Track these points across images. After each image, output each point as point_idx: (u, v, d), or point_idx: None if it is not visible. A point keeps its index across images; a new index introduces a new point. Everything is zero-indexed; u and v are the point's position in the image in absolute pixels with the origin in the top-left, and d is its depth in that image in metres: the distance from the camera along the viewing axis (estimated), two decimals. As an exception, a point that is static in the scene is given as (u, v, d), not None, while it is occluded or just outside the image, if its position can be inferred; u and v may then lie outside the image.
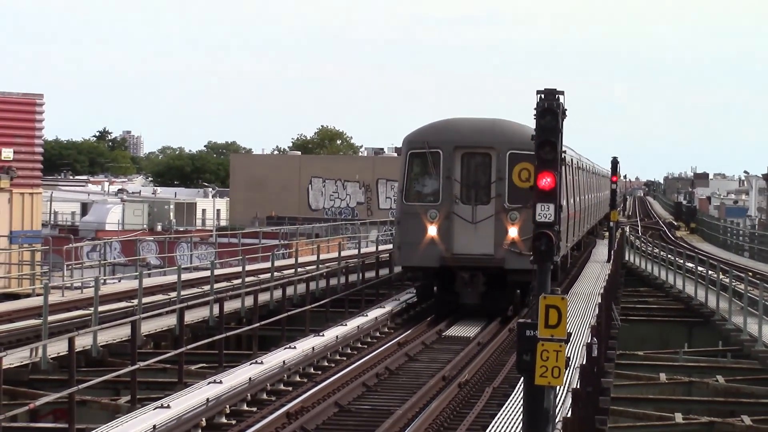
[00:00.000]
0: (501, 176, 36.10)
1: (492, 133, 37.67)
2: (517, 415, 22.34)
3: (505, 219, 35.18)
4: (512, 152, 35.99)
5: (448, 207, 35.45)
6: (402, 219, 37.60)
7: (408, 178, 36.68)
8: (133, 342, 30.13)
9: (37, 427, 25.54)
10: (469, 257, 36.12)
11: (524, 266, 34.27)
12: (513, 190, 35.12)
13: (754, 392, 33.09)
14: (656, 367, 37.04)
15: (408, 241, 37.89)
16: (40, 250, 60.86)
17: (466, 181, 36.53)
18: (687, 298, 54.32)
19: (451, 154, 35.51)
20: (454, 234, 35.52)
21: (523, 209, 34.61)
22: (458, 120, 37.76)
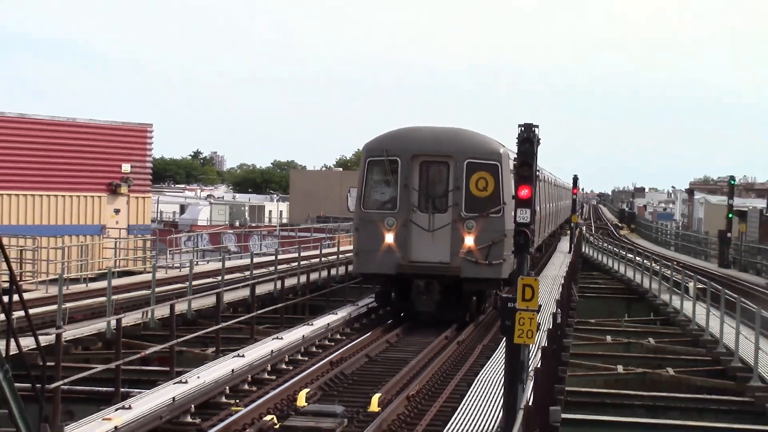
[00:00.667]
0: (458, 185, 30.36)
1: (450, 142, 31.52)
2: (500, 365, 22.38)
3: (462, 228, 29.69)
4: (470, 161, 30.41)
5: (406, 215, 29.88)
6: (360, 226, 31.60)
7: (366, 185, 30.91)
8: (218, 308, 30.52)
9: (146, 370, 25.64)
10: (426, 265, 30.37)
11: (480, 275, 31.08)
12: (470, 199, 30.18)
13: (676, 350, 33.03)
14: (604, 331, 36.95)
15: (365, 249, 31.59)
16: (149, 239, 61.20)
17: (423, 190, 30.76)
18: (627, 280, 54.10)
19: (410, 162, 29.91)
20: (410, 242, 29.99)
21: (480, 218, 30.04)
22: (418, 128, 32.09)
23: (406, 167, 29.96)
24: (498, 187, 29.88)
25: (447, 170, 30.29)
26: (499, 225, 30.04)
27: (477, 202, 29.81)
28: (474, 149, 30.50)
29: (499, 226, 29.99)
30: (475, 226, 29.30)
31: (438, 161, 30.61)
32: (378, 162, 30.16)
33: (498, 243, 29.97)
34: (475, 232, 29.43)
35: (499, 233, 30.03)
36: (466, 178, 29.58)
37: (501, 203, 29.78)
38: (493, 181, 29.70)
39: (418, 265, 30.21)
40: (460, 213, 29.62)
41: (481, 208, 29.64)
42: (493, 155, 30.40)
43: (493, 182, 29.63)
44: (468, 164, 29.90)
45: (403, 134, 31.20)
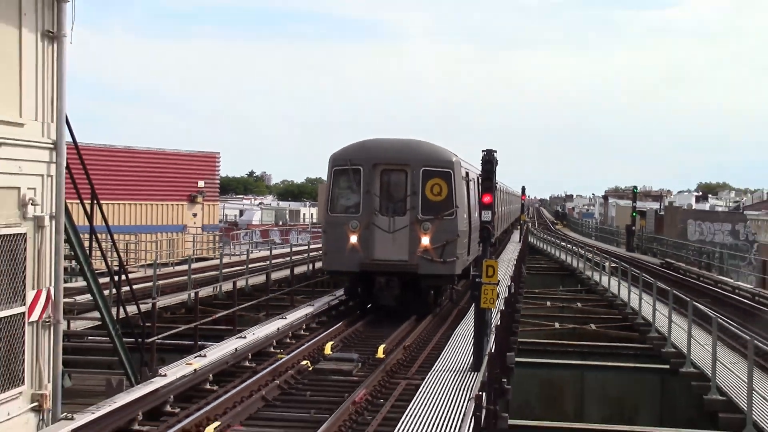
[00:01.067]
0: (415, 191, 26.75)
1: (408, 151, 27.70)
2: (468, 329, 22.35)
3: (419, 229, 26.21)
4: (425, 169, 26.77)
5: (368, 218, 26.51)
6: (327, 229, 28.22)
7: (332, 192, 27.63)
8: (267, 283, 31.13)
9: (216, 329, 25.62)
10: (387, 263, 26.85)
11: (435, 272, 26.93)
12: (426, 203, 26.56)
13: (596, 311, 32.97)
14: (545, 298, 36.86)
15: (332, 249, 28.05)
16: (217, 235, 62.87)
17: (384, 195, 27.28)
18: (561, 261, 54.08)
19: (371, 170, 26.63)
20: (372, 242, 26.57)
21: (435, 220, 26.43)
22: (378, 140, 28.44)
23: (368, 175, 26.49)
24: (451, 192, 26.35)
25: (405, 177, 26.67)
26: (452, 226, 26.49)
27: (432, 205, 26.34)
28: (429, 158, 26.81)
29: (452, 227, 26.47)
30: (430, 227, 25.83)
31: (397, 169, 26.99)
32: (343, 171, 26.85)
33: (451, 243, 26.34)
34: (431, 233, 25.99)
35: (452, 234, 26.43)
36: (422, 184, 26.16)
37: (453, 207, 26.29)
38: (447, 186, 26.18)
39: (380, 263, 26.53)
40: (417, 216, 26.13)
41: (435, 211, 26.20)
42: (446, 163, 26.72)
43: (446, 188, 26.13)
44: (423, 172, 26.29)
45: (365, 145, 27.58)
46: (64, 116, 15.11)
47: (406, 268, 26.46)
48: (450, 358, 19.88)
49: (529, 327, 28.66)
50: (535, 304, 34.67)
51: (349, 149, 27.60)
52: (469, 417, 12.16)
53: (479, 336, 18.67)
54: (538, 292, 39.17)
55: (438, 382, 17.32)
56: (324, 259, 28.87)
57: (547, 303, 35.19)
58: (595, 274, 41.90)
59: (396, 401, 16.42)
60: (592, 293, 39.25)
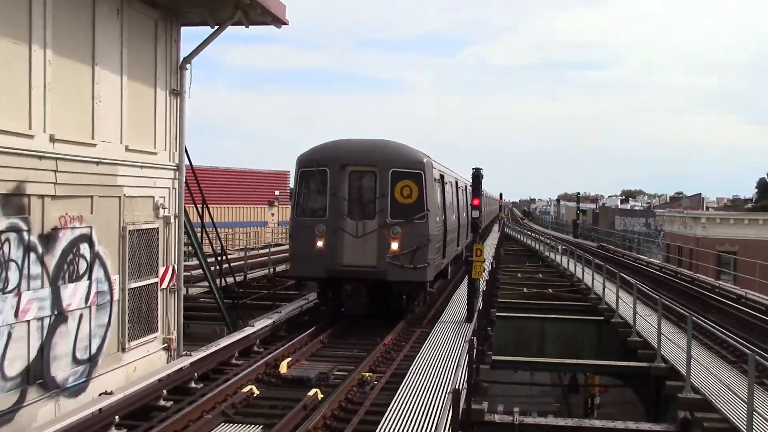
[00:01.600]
0: (384, 193, 19.57)
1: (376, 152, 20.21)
2: (463, 292, 22.22)
3: (388, 233, 19.15)
4: (394, 170, 19.53)
5: (335, 222, 19.38)
6: (294, 233, 20.61)
7: (299, 194, 20.45)
8: None
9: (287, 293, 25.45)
10: (354, 269, 19.52)
11: (405, 278, 19.21)
12: (395, 206, 19.41)
13: (552, 280, 32.69)
14: (516, 271, 36.56)
15: (299, 253, 20.21)
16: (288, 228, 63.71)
17: (351, 198, 19.97)
18: (528, 245, 53.81)
19: (338, 172, 19.59)
20: (339, 247, 19.33)
21: (405, 224, 19.20)
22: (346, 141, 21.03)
23: (335, 177, 19.16)
24: (422, 194, 19.03)
25: (373, 179, 19.29)
26: (423, 230, 18.89)
27: (402, 208, 18.93)
28: (398, 159, 19.31)
29: (423, 232, 18.88)
30: (400, 231, 18.56)
31: (365, 171, 19.45)
32: (309, 172, 19.44)
33: (422, 247, 18.85)
34: (401, 237, 18.66)
35: (423, 238, 18.85)
36: (391, 186, 18.91)
37: (425, 210, 18.87)
38: (417, 189, 18.95)
39: (347, 269, 18.99)
40: (386, 219, 18.74)
41: (406, 215, 18.75)
42: (416, 164, 19.19)
43: (416, 190, 18.91)
44: (393, 173, 18.94)
45: (333, 146, 20.04)
46: (183, 147, 15.40)
47: (375, 275, 18.55)
48: (452, 312, 19.81)
49: (506, 291, 28.47)
50: (510, 275, 34.47)
51: (315, 150, 19.88)
52: (465, 352, 12.18)
53: (471, 298, 18.61)
54: (512, 267, 38.91)
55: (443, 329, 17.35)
56: (290, 264, 20.49)
57: (518, 275, 34.97)
58: (551, 254, 41.78)
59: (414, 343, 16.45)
60: (549, 267, 38.97)
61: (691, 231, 54.49)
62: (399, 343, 16.58)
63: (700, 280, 32.31)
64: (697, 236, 52.73)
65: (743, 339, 17.57)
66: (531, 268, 39.04)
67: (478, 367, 13.78)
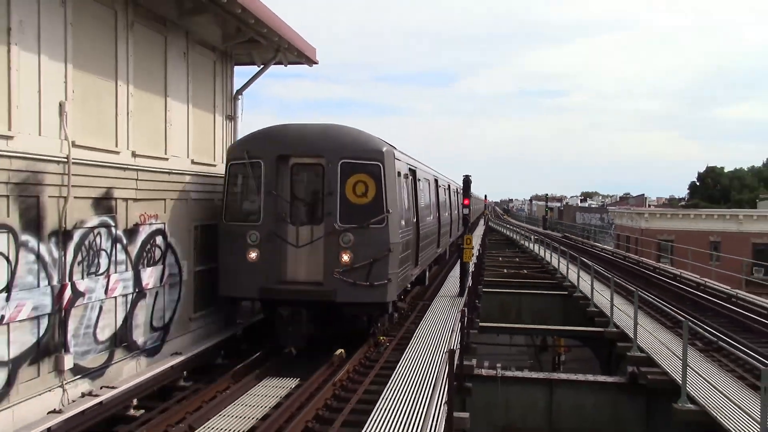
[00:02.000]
0: (332, 190, 10.33)
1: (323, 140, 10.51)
2: (456, 272, 22.05)
3: (338, 242, 10.15)
4: (345, 162, 10.35)
5: (271, 228, 10.48)
6: (221, 241, 11.21)
7: (228, 194, 11.29)
8: None
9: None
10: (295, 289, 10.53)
11: (359, 299, 11.01)
12: (346, 207, 10.39)
13: (527, 263, 32.47)
14: (498, 255, 36.33)
15: (227, 267, 11.20)
16: None
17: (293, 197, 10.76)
18: (507, 235, 53.58)
19: (275, 165, 10.50)
20: (277, 260, 10.55)
21: (359, 230, 10.41)
22: (285, 127, 11.07)
23: (271, 171, 11.34)
24: (380, 191, 11.24)
25: (319, 173, 11.42)
26: (382, 238, 11.18)
27: (355, 210, 11.15)
28: (350, 148, 11.26)
29: (382, 239, 11.18)
30: (353, 239, 10.93)
31: (308, 163, 11.60)
32: (240, 166, 11.68)
33: (381, 260, 11.12)
34: (353, 246, 10.97)
35: (382, 247, 11.17)
36: (342, 181, 11.08)
37: (384, 211, 11.19)
38: (374, 184, 11.18)
39: (286, 288, 11.25)
40: (334, 224, 10.99)
41: (360, 218, 11.04)
42: (373, 154, 11.24)
43: (374, 186, 11.17)
44: (343, 165, 11.10)
45: (268, 134, 11.77)
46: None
47: (320, 295, 11.30)
48: (448, 289, 19.68)
49: (490, 271, 28.33)
50: (493, 259, 34.31)
51: (248, 138, 12.23)
52: (458, 320, 12.07)
53: (462, 277, 18.38)
54: (495, 252, 38.76)
55: (441, 302, 17.23)
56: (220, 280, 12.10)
57: (500, 258, 34.80)
58: (525, 242, 41.52)
59: (418, 313, 16.33)
60: (524, 253, 38.73)
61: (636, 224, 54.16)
62: (406, 314, 16.46)
63: (644, 262, 32.04)
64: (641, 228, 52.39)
65: (679, 309, 17.40)
66: (510, 254, 38.79)
67: (469, 332, 13.67)
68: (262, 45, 14.15)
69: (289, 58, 15.20)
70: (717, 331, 14.48)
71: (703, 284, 23.43)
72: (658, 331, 14.92)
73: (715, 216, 51.06)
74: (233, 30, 13.48)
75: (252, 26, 12.73)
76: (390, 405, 8.90)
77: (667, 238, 47.84)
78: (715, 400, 10.01)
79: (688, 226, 50.33)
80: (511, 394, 13.05)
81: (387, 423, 8.26)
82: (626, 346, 13.72)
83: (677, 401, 10.15)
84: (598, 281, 21.38)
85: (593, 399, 12.82)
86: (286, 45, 14.16)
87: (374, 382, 10.56)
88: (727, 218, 50.19)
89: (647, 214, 54.63)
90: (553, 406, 12.95)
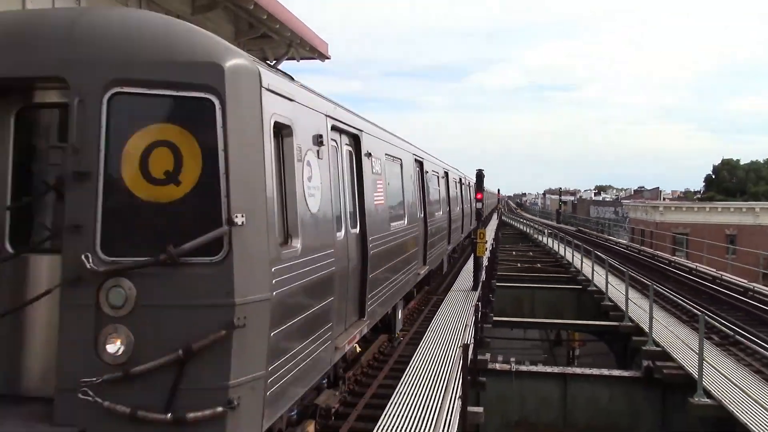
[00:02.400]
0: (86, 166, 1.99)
1: (61, 42, 2.02)
2: (470, 267, 21.99)
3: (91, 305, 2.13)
4: (120, 92, 2.04)
5: None
6: None
7: None
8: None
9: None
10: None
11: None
12: (123, 211, 2.16)
13: (540, 257, 32.42)
14: (511, 249, 36.30)
15: None
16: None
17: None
18: (520, 229, 53.39)
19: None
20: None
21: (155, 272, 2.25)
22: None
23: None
24: (214, 166, 2.52)
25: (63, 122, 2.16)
26: (217, 289, 2.63)
27: (148, 218, 2.41)
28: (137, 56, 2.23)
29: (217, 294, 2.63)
30: (137, 295, 2.35)
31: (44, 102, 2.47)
32: None
33: (213, 350, 2.57)
34: (136, 317, 2.34)
35: (222, 321, 2.62)
36: (114, 142, 2.19)
37: (223, 222, 2.65)
38: (199, 149, 2.39)
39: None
40: (87, 256, 2.30)
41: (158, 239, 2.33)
42: (201, 72, 2.42)
43: (197, 156, 2.37)
44: (115, 99, 2.22)
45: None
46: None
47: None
48: (460, 285, 19.68)
49: (504, 265, 28.28)
50: (506, 253, 34.23)
51: None
52: (473, 312, 12.06)
53: (476, 271, 18.27)
54: (508, 247, 38.66)
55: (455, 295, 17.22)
56: None
57: (513, 252, 34.73)
58: (539, 236, 41.40)
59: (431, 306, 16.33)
60: (538, 247, 38.61)
61: (651, 217, 53.73)
62: (419, 308, 16.46)
63: (659, 256, 31.81)
64: (656, 221, 51.96)
65: (695, 303, 17.26)
66: (523, 248, 38.70)
67: (483, 326, 13.66)
68: (274, 40, 14.16)
69: (302, 53, 15.21)
70: (733, 325, 14.37)
71: (719, 278, 23.23)
72: (674, 325, 14.81)
73: (731, 209, 50.57)
74: (245, 26, 13.51)
75: (264, 22, 12.75)
76: (404, 399, 8.92)
77: (682, 232, 47.44)
78: (731, 394, 9.93)
79: (704, 219, 49.88)
80: (525, 389, 13.03)
81: (402, 417, 8.29)
82: (641, 340, 13.64)
83: (693, 395, 10.08)
84: (613, 275, 21.22)
85: (608, 393, 12.77)
86: (298, 40, 14.17)
87: (388, 376, 10.58)
88: (744, 211, 49.70)
89: (662, 207, 54.19)
90: (568, 400, 12.91)
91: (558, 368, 13.83)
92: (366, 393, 9.81)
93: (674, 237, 45.47)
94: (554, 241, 34.41)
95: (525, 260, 30.34)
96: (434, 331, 12.87)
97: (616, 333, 16.08)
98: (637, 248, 36.79)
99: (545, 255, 32.99)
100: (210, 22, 12.42)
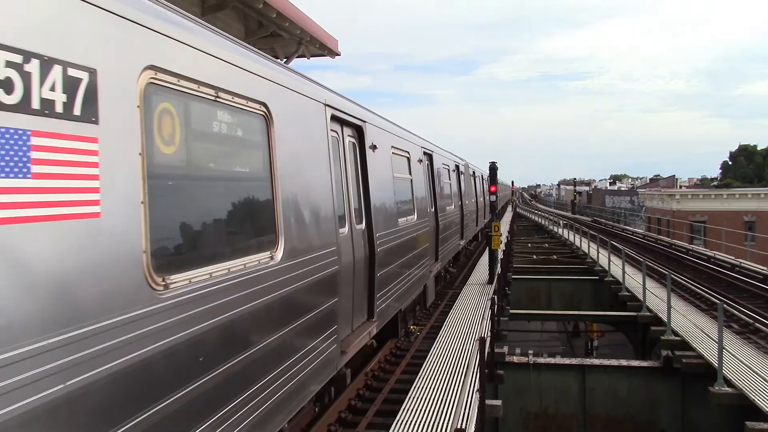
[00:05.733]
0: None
1: None
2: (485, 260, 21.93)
3: None
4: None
5: None
6: None
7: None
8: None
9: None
10: None
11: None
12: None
13: (556, 248, 32.26)
14: (527, 242, 36.19)
15: None
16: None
17: None
18: (535, 221, 53.13)
19: None
20: None
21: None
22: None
23: None
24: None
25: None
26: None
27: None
28: None
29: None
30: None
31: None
32: None
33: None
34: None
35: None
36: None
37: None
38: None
39: None
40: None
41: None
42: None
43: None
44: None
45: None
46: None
47: None
48: (476, 277, 19.67)
49: (519, 258, 28.20)
50: (522, 245, 34.12)
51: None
52: (488, 307, 12.05)
53: (492, 265, 18.28)
54: (523, 239, 38.53)
55: (471, 289, 17.20)
56: None
57: (528, 244, 34.60)
58: (554, 227, 41.21)
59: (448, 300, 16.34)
60: (553, 238, 38.44)
61: (667, 205, 53.22)
62: (436, 302, 16.49)
63: (676, 245, 31.55)
64: (673, 209, 51.48)
65: (713, 291, 17.13)
66: (538, 240, 38.56)
67: (499, 319, 13.65)
68: (284, 39, 14.19)
69: (312, 50, 15.24)
70: (753, 313, 14.24)
71: (738, 265, 23.02)
72: (693, 314, 14.71)
73: (749, 195, 49.98)
74: (255, 25, 13.55)
75: (274, 20, 12.79)
76: (422, 393, 8.95)
77: (699, 219, 47.01)
78: (752, 382, 9.86)
79: (722, 206, 49.35)
80: (543, 381, 13.01)
81: (420, 411, 8.32)
82: (660, 330, 13.56)
83: (713, 384, 10.02)
84: (630, 265, 21.11)
85: (627, 384, 12.72)
86: (308, 37, 14.19)
87: (406, 371, 10.61)
88: (762, 197, 49.10)
89: (678, 195, 53.67)
90: (587, 391, 12.88)
91: (576, 360, 13.78)
92: (384, 388, 9.84)
93: (691, 225, 45.07)
94: (570, 232, 34.24)
95: (541, 252, 30.22)
96: (451, 325, 12.88)
97: (634, 323, 16.00)
98: (654, 237, 36.51)
99: (561, 246, 32.84)
100: (220, 21, 12.49)
